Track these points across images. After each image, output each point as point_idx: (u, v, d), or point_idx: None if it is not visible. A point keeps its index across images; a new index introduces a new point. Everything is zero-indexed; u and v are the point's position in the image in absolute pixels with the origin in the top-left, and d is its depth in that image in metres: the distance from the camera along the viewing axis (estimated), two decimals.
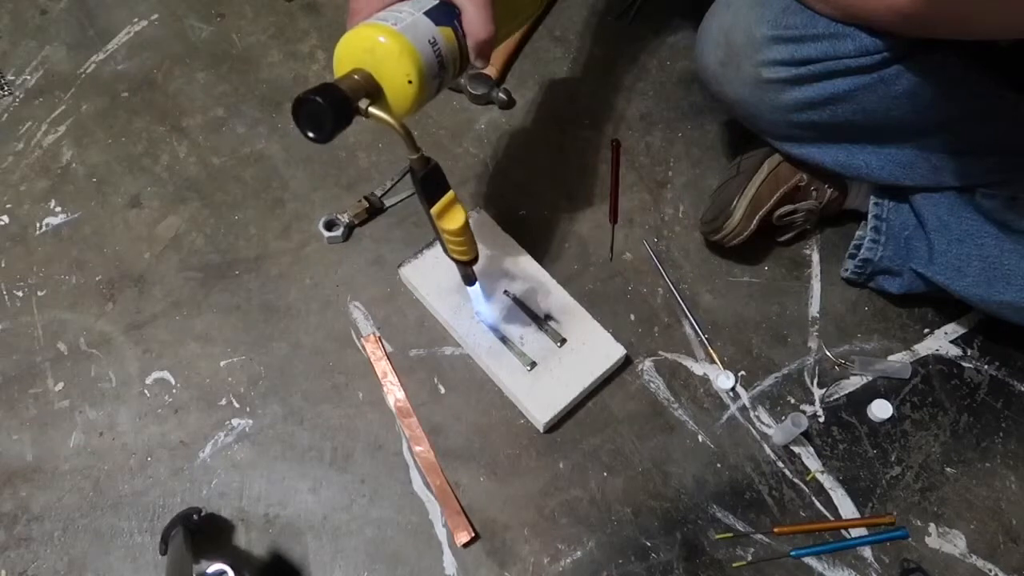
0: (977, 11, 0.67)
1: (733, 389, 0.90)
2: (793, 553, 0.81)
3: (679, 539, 0.82)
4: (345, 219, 0.98)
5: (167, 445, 0.86)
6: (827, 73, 0.79)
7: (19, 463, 0.85)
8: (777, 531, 0.82)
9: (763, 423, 0.89)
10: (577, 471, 0.85)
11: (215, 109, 1.10)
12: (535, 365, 0.87)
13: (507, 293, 0.92)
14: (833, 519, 0.84)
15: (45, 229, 0.99)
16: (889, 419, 0.88)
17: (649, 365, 0.91)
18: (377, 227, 1.00)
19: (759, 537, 0.82)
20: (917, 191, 0.88)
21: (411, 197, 1.01)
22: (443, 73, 0.68)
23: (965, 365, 0.93)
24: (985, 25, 0.68)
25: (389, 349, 0.92)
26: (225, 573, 0.69)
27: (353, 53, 0.65)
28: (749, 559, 0.81)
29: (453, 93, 1.10)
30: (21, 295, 0.95)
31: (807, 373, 0.92)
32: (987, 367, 0.93)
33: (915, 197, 0.88)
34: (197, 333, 0.92)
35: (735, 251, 0.96)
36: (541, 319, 0.90)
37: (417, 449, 0.85)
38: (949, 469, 0.87)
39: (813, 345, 0.94)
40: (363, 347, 0.92)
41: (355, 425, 0.87)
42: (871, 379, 0.91)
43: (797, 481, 0.85)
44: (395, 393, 0.89)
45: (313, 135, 0.62)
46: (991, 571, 0.82)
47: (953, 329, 0.95)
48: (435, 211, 0.70)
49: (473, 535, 0.81)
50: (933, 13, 0.68)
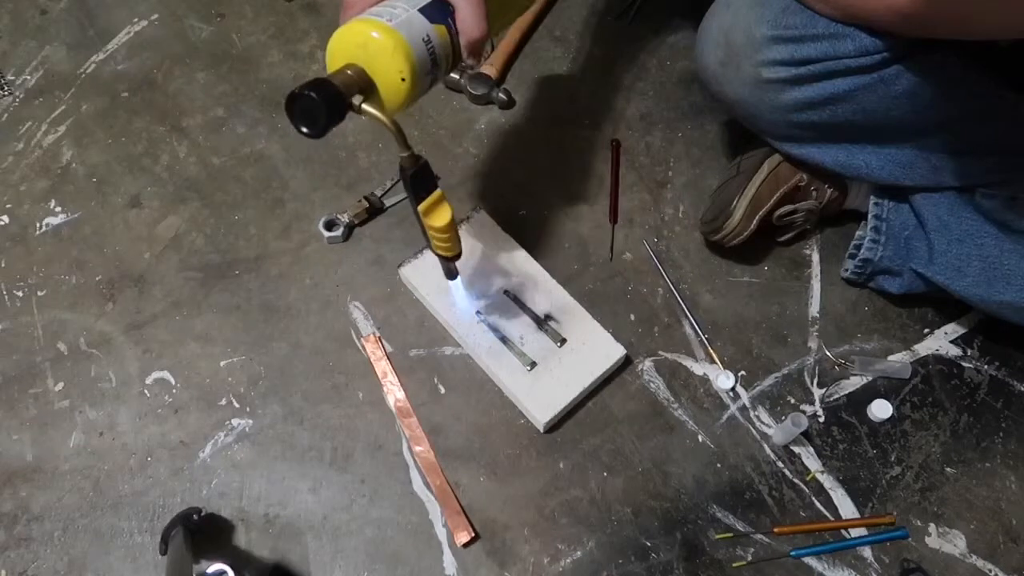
0: (977, 11, 0.67)
1: (733, 389, 0.90)
2: (793, 553, 0.81)
3: (679, 539, 0.82)
4: (345, 219, 0.98)
5: (167, 445, 0.86)
6: (827, 73, 0.79)
7: (19, 463, 0.85)
8: (777, 531, 0.82)
9: (763, 423, 0.89)
10: (577, 471, 0.85)
11: (215, 109, 1.10)
12: (535, 365, 0.87)
13: (507, 293, 0.92)
14: (833, 519, 0.84)
15: (45, 229, 0.99)
16: (889, 419, 0.88)
17: (649, 365, 0.91)
18: (377, 227, 1.00)
19: (759, 537, 0.82)
20: (917, 191, 0.88)
21: None
22: (435, 70, 0.68)
23: (965, 365, 0.93)
24: (985, 25, 0.68)
25: (389, 349, 0.92)
26: (225, 573, 0.69)
27: (346, 48, 0.64)
28: (749, 559, 0.81)
29: (453, 93, 1.10)
30: (21, 295, 0.95)
31: (807, 373, 0.92)
32: (987, 367, 0.93)
33: (915, 197, 0.88)
34: (197, 333, 0.92)
35: (735, 251, 0.96)
36: (541, 319, 0.90)
37: (417, 449, 0.85)
38: (949, 469, 0.87)
39: (813, 345, 0.94)
40: (363, 347, 0.92)
41: (355, 425, 0.87)
42: (871, 379, 0.91)
43: (797, 481, 0.85)
44: (395, 393, 0.89)
45: (307, 130, 0.62)
46: (991, 571, 0.82)
47: (953, 329, 0.95)
48: (422, 208, 0.70)
49: (473, 535, 0.81)
50: (933, 13, 0.68)
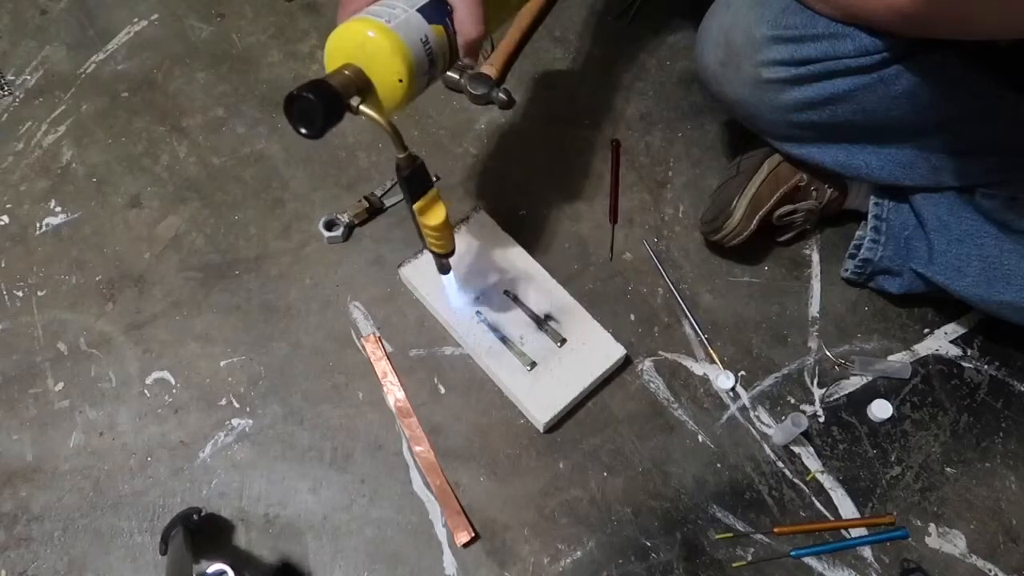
0: (977, 11, 0.67)
1: (733, 389, 0.90)
2: (793, 553, 0.81)
3: (679, 539, 0.82)
4: (345, 219, 0.98)
5: (167, 445, 0.86)
6: (827, 73, 0.79)
7: (19, 463, 0.85)
8: (777, 531, 0.82)
9: (763, 423, 0.89)
10: (577, 471, 0.85)
11: (215, 109, 1.10)
12: (535, 365, 0.87)
13: (507, 293, 0.92)
14: (833, 519, 0.83)
15: (45, 229, 0.99)
16: (889, 419, 0.88)
17: (649, 365, 0.91)
18: (377, 227, 1.00)
19: (759, 537, 0.82)
20: (917, 191, 0.88)
21: None
22: (432, 70, 0.68)
23: (965, 365, 0.93)
24: (985, 25, 0.68)
25: (389, 349, 0.92)
26: (225, 573, 0.69)
27: (344, 47, 0.64)
28: (749, 559, 0.81)
29: (453, 93, 1.10)
30: (21, 295, 0.95)
31: (807, 373, 0.92)
32: (987, 367, 0.93)
33: (915, 197, 0.88)
34: (197, 333, 0.92)
35: (735, 251, 0.96)
36: (541, 319, 0.90)
37: (417, 449, 0.85)
38: (949, 469, 0.87)
39: (813, 345, 0.94)
40: (363, 347, 0.92)
41: (355, 425, 0.87)
42: (871, 379, 0.91)
43: (797, 481, 0.85)
44: (395, 393, 0.89)
45: (305, 131, 0.62)
46: (991, 571, 0.82)
47: (953, 329, 0.95)
48: (417, 207, 0.70)
49: (473, 535, 0.81)
50: (933, 13, 0.68)
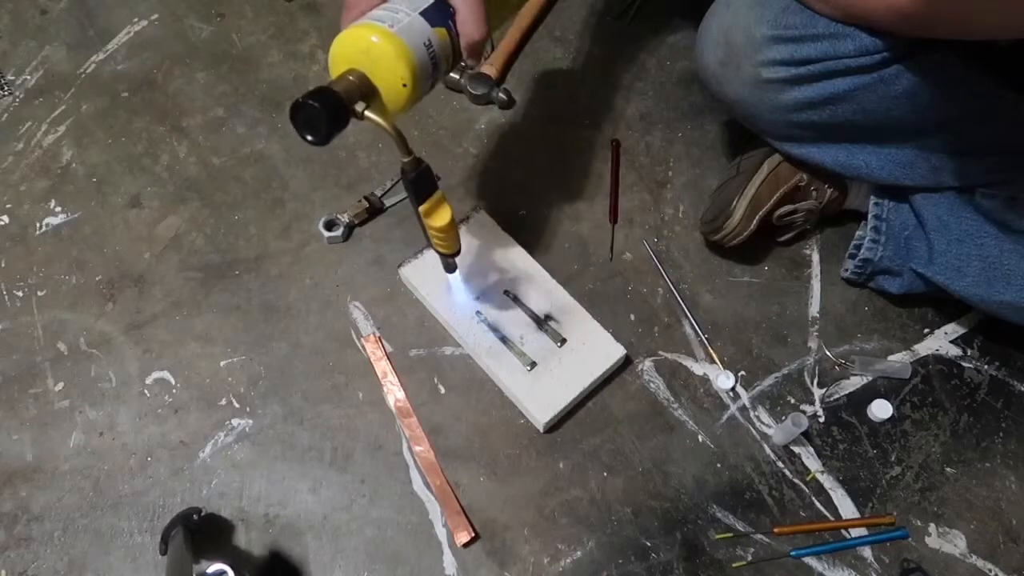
0: (977, 11, 0.67)
1: (733, 389, 0.90)
2: (793, 553, 0.81)
3: (679, 539, 0.82)
4: (345, 219, 0.98)
5: (167, 445, 0.86)
6: (827, 73, 0.79)
7: (19, 463, 0.85)
8: (777, 531, 0.82)
9: (763, 423, 0.89)
10: (577, 471, 0.85)
11: (215, 109, 1.10)
12: (535, 365, 0.87)
13: (507, 293, 0.92)
14: (833, 519, 0.83)
15: (45, 229, 0.99)
16: (889, 419, 0.88)
17: (649, 365, 0.91)
18: (377, 227, 1.00)
19: (759, 537, 0.82)
20: (917, 191, 0.88)
21: None
22: (436, 73, 0.68)
23: (965, 365, 0.93)
24: (985, 25, 0.68)
25: (389, 349, 0.92)
26: (225, 573, 0.69)
27: (348, 53, 0.65)
28: (749, 559, 0.81)
29: (453, 93, 1.10)
30: (21, 295, 0.95)
31: (807, 373, 0.92)
32: (987, 367, 0.93)
33: (915, 197, 0.88)
34: (197, 333, 0.92)
35: (735, 251, 0.96)
36: (541, 319, 0.90)
37: (417, 449, 0.85)
38: (949, 469, 0.87)
39: (813, 345, 0.94)
40: (363, 347, 0.92)
41: (355, 425, 0.87)
42: (871, 379, 0.91)
43: (797, 481, 0.85)
44: (395, 393, 0.89)
45: (311, 138, 0.63)
46: (991, 571, 0.82)
47: (953, 329, 0.95)
48: (423, 209, 0.70)
49: (473, 535, 0.81)
50: (933, 13, 0.68)
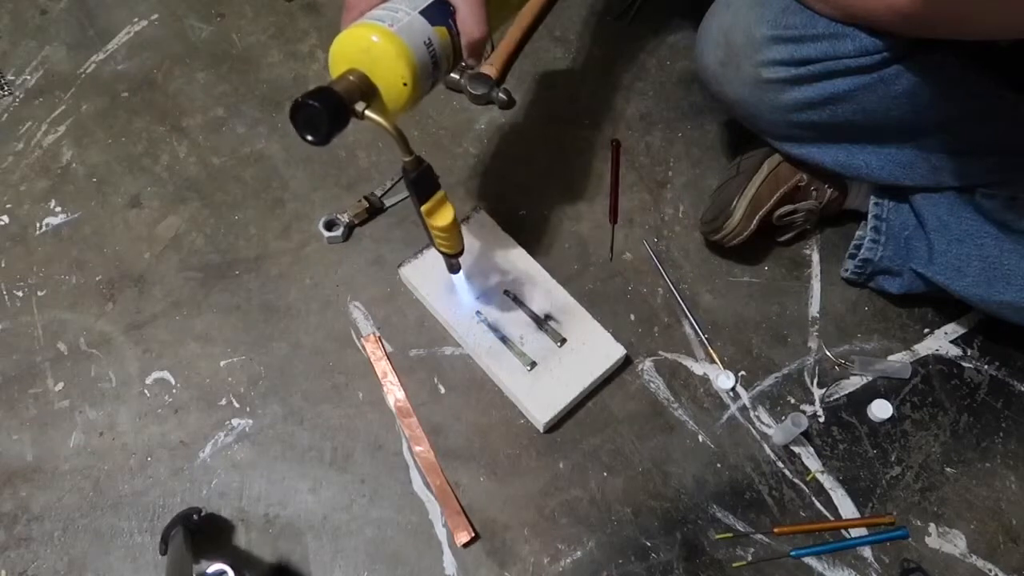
0: (977, 11, 0.67)
1: (733, 389, 0.90)
2: (793, 553, 0.81)
3: (679, 539, 0.82)
4: (345, 219, 0.98)
5: (167, 445, 0.86)
6: (827, 73, 0.79)
7: (19, 463, 0.85)
8: (777, 531, 0.82)
9: (763, 423, 0.89)
10: (577, 471, 0.85)
11: (215, 109, 1.10)
12: (535, 365, 0.87)
13: (507, 293, 0.92)
14: (833, 519, 0.83)
15: (45, 229, 0.99)
16: (889, 419, 0.88)
17: (649, 365, 0.91)
18: (377, 227, 1.00)
19: (759, 537, 0.82)
20: (917, 191, 0.88)
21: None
22: (436, 72, 0.68)
23: (965, 365, 0.93)
24: (985, 25, 0.68)
25: (389, 349, 0.92)
26: (225, 573, 0.69)
27: (348, 52, 0.65)
28: (749, 559, 0.81)
29: (453, 93, 1.10)
30: (21, 295, 0.95)
31: (807, 373, 0.92)
32: (987, 367, 0.93)
33: (915, 197, 0.88)
34: (197, 333, 0.92)
35: (735, 251, 0.96)
36: (541, 319, 0.90)
37: (417, 449, 0.85)
38: (949, 469, 0.87)
39: (813, 345, 0.94)
40: (363, 347, 0.92)
41: (355, 425, 0.87)
42: (871, 379, 0.91)
43: (797, 481, 0.85)
44: (395, 393, 0.89)
45: (311, 138, 0.63)
46: (991, 571, 0.82)
47: (953, 329, 0.95)
48: (425, 209, 0.70)
49: (473, 535, 0.81)
50: (933, 13, 0.68)
